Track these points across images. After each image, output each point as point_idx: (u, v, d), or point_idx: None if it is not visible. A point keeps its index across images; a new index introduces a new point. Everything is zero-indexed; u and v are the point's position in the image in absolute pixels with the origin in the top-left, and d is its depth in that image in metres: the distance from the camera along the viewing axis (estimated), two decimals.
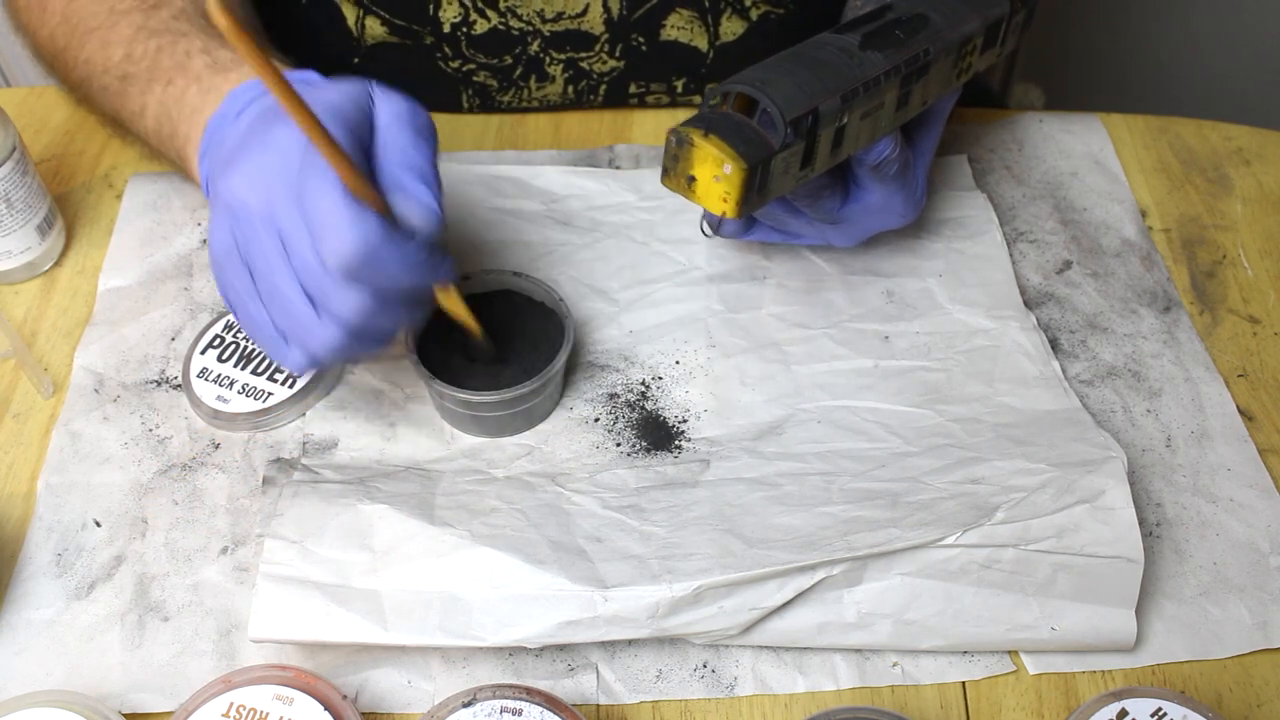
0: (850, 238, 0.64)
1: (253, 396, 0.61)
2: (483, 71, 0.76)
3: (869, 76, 0.53)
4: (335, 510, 0.53)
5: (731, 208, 0.50)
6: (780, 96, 0.50)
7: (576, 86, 0.77)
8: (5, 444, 0.61)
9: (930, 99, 0.59)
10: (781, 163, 0.50)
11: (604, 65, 0.75)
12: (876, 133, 0.55)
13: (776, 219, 0.63)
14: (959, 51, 0.58)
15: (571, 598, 0.50)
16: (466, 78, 0.77)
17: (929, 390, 0.62)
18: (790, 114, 0.50)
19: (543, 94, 0.78)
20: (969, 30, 0.58)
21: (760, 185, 0.50)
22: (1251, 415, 0.63)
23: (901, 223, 0.63)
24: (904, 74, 0.54)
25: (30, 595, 0.55)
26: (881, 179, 0.59)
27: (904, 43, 0.55)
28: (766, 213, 0.62)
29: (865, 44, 0.54)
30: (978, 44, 0.59)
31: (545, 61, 0.76)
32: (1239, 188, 0.75)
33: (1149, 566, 0.53)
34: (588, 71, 0.76)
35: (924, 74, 0.56)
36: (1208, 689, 0.53)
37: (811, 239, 0.65)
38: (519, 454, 0.60)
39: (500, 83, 0.77)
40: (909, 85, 0.55)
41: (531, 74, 0.76)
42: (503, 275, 0.62)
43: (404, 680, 0.53)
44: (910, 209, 0.62)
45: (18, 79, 1.38)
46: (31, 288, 0.69)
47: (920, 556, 0.52)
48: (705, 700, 0.52)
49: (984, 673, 0.53)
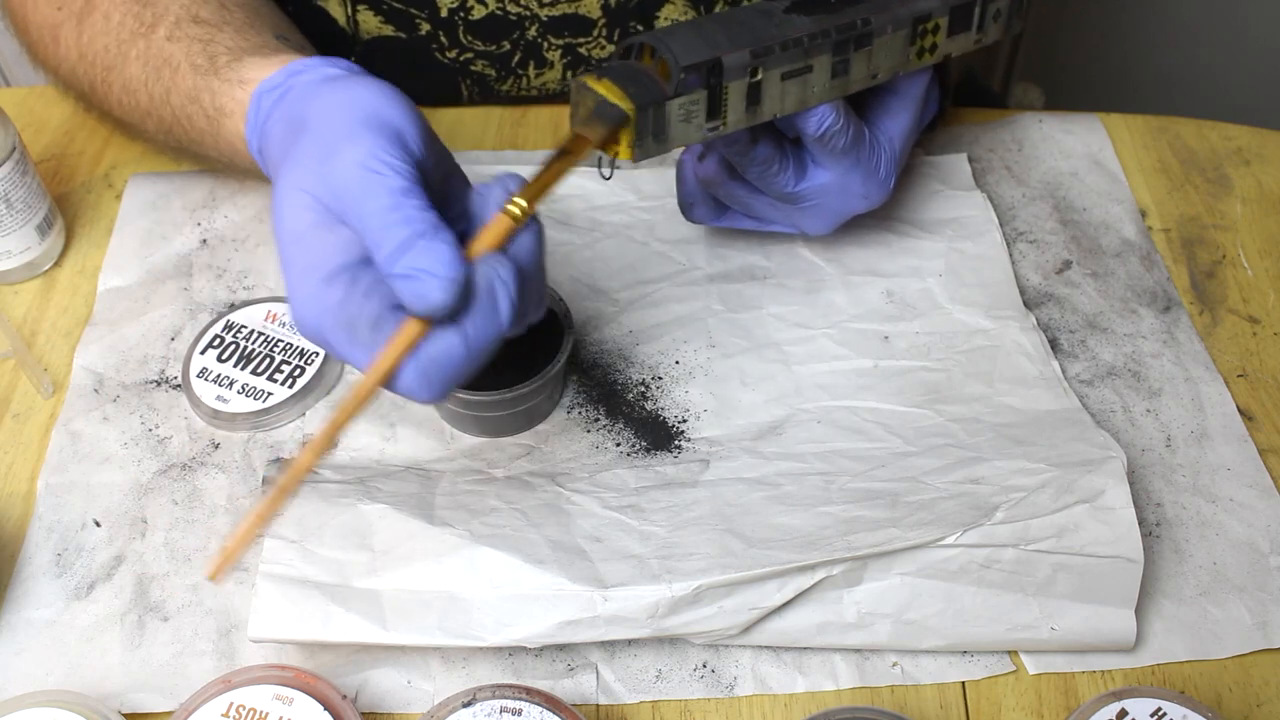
0: (819, 223, 0.63)
1: (252, 396, 0.61)
2: (480, 60, 0.76)
3: (788, 36, 0.54)
4: (335, 510, 0.53)
5: (624, 149, 0.51)
6: (677, 44, 0.51)
7: (574, 72, 0.77)
8: (5, 444, 0.61)
9: (881, 74, 0.59)
10: (680, 109, 0.51)
11: (602, 51, 0.75)
12: (808, 98, 0.56)
13: (742, 202, 0.63)
14: (914, 28, 0.58)
15: (571, 597, 0.50)
16: (464, 67, 0.77)
17: (929, 390, 0.62)
18: (685, 60, 0.51)
19: (541, 81, 0.78)
20: (925, 7, 0.59)
21: (657, 130, 0.51)
22: (1251, 415, 0.63)
23: (866, 205, 0.62)
24: (836, 40, 0.55)
25: (30, 595, 0.55)
26: (831, 153, 0.59)
27: (836, 9, 0.56)
28: (729, 194, 0.62)
29: (792, 9, 0.55)
30: (941, 24, 0.60)
31: (543, 47, 0.75)
32: (1239, 188, 0.75)
33: (1149, 566, 0.53)
34: (586, 58, 0.76)
35: (865, 44, 0.56)
36: (1208, 689, 0.53)
37: (783, 225, 0.65)
38: (519, 454, 0.60)
39: (499, 71, 0.77)
40: (844, 54, 0.56)
41: (530, 60, 0.76)
42: None
43: (404, 680, 0.53)
44: (874, 190, 0.62)
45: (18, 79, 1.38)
46: (31, 288, 0.69)
47: (920, 556, 0.52)
48: (705, 700, 0.52)
49: (984, 673, 0.53)
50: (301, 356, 0.63)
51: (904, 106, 0.63)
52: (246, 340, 0.63)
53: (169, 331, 0.66)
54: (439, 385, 0.44)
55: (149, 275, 0.68)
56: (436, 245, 0.42)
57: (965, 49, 0.63)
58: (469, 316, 0.44)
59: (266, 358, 0.63)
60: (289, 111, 0.50)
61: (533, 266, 0.47)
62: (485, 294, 0.44)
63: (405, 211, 0.42)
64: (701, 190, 0.63)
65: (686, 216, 0.65)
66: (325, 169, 0.44)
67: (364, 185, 0.43)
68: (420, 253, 0.42)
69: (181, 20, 0.59)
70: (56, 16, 0.63)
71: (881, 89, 0.62)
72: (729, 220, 0.65)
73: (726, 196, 0.63)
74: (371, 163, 0.43)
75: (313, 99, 0.48)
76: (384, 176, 0.43)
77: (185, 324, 0.66)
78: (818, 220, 0.63)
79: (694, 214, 0.65)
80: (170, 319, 0.66)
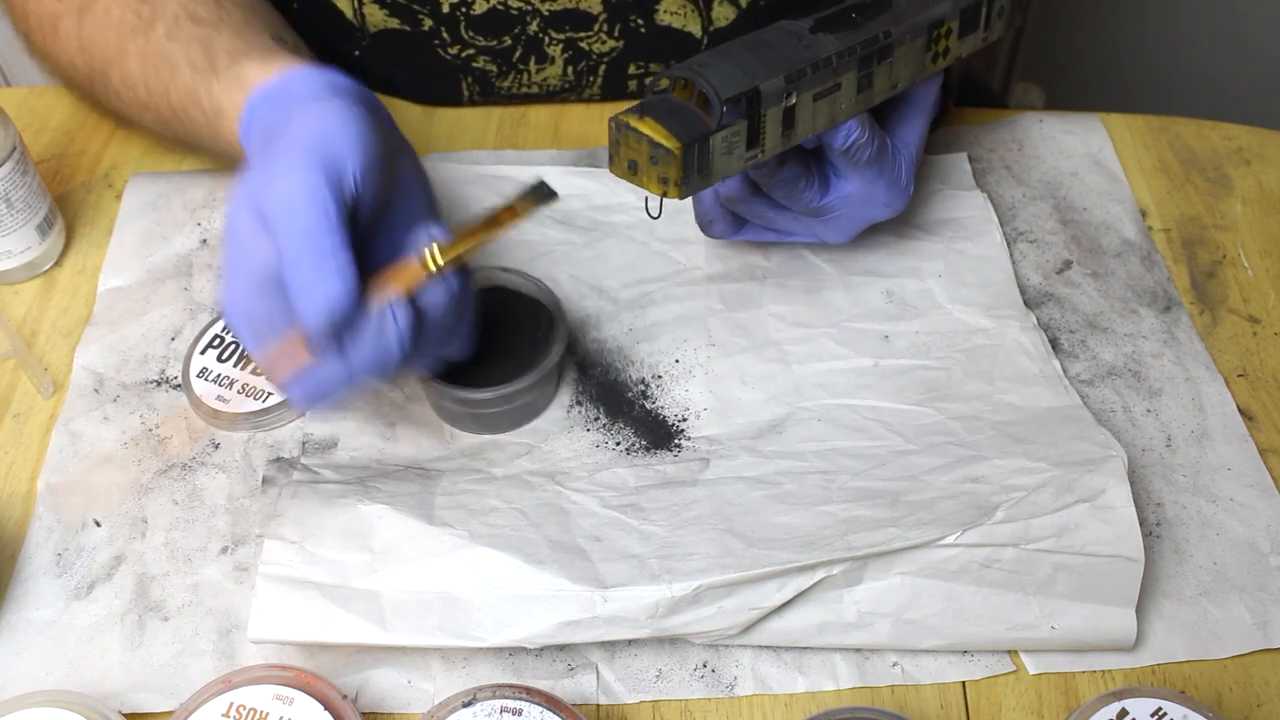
0: (841, 232, 0.63)
1: (253, 396, 0.61)
2: (482, 56, 0.76)
3: (818, 57, 0.54)
4: (335, 510, 0.53)
5: (673, 189, 0.51)
6: (716, 77, 0.51)
7: (576, 68, 0.77)
8: (5, 444, 0.61)
9: (901, 83, 0.59)
10: (723, 142, 0.51)
11: (603, 45, 0.76)
12: (836, 115, 0.56)
13: (764, 217, 0.63)
14: (929, 34, 0.59)
15: (571, 598, 0.50)
16: (466, 64, 0.77)
17: (929, 388, 0.62)
18: (726, 93, 0.51)
19: (542, 77, 0.78)
20: (939, 13, 0.59)
21: (701, 165, 0.51)
22: (1251, 415, 0.63)
23: (888, 213, 0.63)
24: (861, 56, 0.55)
25: (30, 595, 0.55)
26: (856, 165, 0.59)
27: (860, 25, 0.56)
28: (752, 210, 0.62)
29: (817, 27, 0.55)
30: (953, 27, 0.60)
31: (544, 42, 0.76)
32: (1239, 188, 0.75)
33: (1149, 566, 0.53)
34: (587, 52, 0.76)
35: (886, 56, 0.56)
36: (1208, 689, 0.53)
37: (803, 236, 0.65)
38: (519, 453, 0.60)
39: (500, 67, 0.77)
40: (869, 67, 0.56)
41: (531, 55, 0.76)
42: (491, 272, 0.62)
43: (404, 680, 0.53)
44: (896, 198, 0.62)
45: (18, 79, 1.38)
46: (31, 288, 0.69)
47: (920, 556, 0.52)
48: (705, 700, 0.52)
49: (984, 672, 0.53)
50: None
51: (919, 112, 0.63)
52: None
53: (169, 331, 0.66)
54: (316, 401, 0.51)
55: (149, 275, 0.68)
56: (326, 279, 0.47)
57: (974, 48, 0.63)
58: (354, 347, 0.49)
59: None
60: (268, 123, 0.53)
61: (442, 315, 0.51)
62: (375, 330, 0.49)
63: (314, 242, 0.47)
64: (720, 207, 0.63)
65: (706, 233, 0.65)
66: (266, 191, 0.49)
67: (288, 214, 0.48)
68: (311, 283, 0.47)
69: (180, 18, 0.60)
70: (57, 8, 0.63)
71: (897, 98, 0.62)
72: (749, 234, 0.65)
73: (749, 213, 0.63)
74: (299, 195, 0.48)
75: (285, 119, 0.52)
76: (307, 210, 0.47)
77: (185, 324, 0.66)
78: (839, 230, 0.63)
79: (713, 230, 0.64)
80: (170, 319, 0.66)
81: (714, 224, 0.64)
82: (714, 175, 0.52)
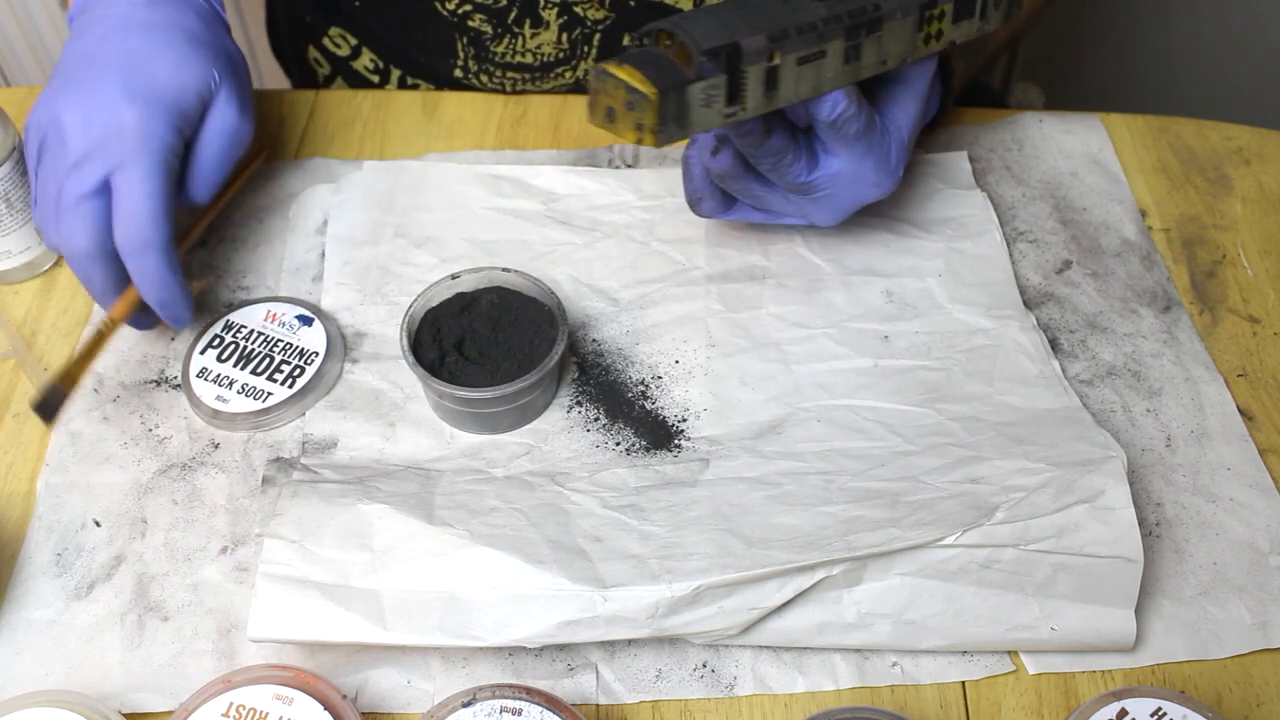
0: (830, 213, 0.63)
1: (252, 396, 0.61)
2: (478, 14, 0.76)
3: (803, 21, 0.54)
4: (335, 510, 0.53)
5: (648, 135, 0.51)
6: (697, 29, 0.51)
7: (570, 35, 0.77)
8: (5, 444, 0.61)
9: (890, 60, 0.59)
10: (701, 94, 0.51)
11: (597, 13, 0.76)
12: (822, 83, 0.56)
13: (753, 195, 0.63)
14: (921, 14, 0.59)
15: (571, 597, 0.50)
16: (462, 21, 0.77)
17: (929, 389, 0.62)
18: (705, 44, 0.51)
19: (537, 43, 0.78)
20: None
21: (679, 115, 0.51)
22: (1251, 415, 0.63)
23: (878, 194, 0.63)
24: (848, 26, 0.55)
25: (30, 595, 0.55)
26: (844, 139, 0.59)
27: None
28: (741, 188, 0.62)
29: None
30: (946, 10, 0.60)
31: (540, 4, 0.76)
32: (1239, 188, 0.75)
33: (1149, 566, 0.53)
34: (581, 19, 0.76)
35: (875, 29, 0.57)
36: (1208, 689, 0.53)
37: (793, 217, 0.64)
38: (518, 453, 0.60)
39: (495, 28, 0.77)
40: (856, 39, 0.56)
41: (526, 18, 0.77)
42: (491, 272, 0.62)
43: (404, 680, 0.53)
44: (885, 178, 0.62)
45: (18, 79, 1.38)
46: (31, 288, 0.69)
47: (920, 556, 0.52)
48: (705, 700, 0.52)
49: (984, 673, 0.53)
50: (301, 356, 0.63)
51: (911, 97, 0.63)
52: (246, 340, 0.63)
53: (169, 331, 0.66)
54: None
55: None
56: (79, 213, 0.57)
57: (969, 35, 0.63)
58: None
59: (266, 357, 0.63)
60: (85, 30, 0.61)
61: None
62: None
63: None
64: (710, 185, 0.63)
65: (695, 211, 0.65)
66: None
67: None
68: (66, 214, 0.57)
69: None
70: None
71: (890, 80, 0.62)
72: (738, 213, 0.65)
73: (739, 190, 0.63)
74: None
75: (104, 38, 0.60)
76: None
77: None
78: (829, 210, 0.63)
79: (702, 208, 0.64)
80: None
81: (703, 202, 0.64)
82: (691, 127, 0.52)
